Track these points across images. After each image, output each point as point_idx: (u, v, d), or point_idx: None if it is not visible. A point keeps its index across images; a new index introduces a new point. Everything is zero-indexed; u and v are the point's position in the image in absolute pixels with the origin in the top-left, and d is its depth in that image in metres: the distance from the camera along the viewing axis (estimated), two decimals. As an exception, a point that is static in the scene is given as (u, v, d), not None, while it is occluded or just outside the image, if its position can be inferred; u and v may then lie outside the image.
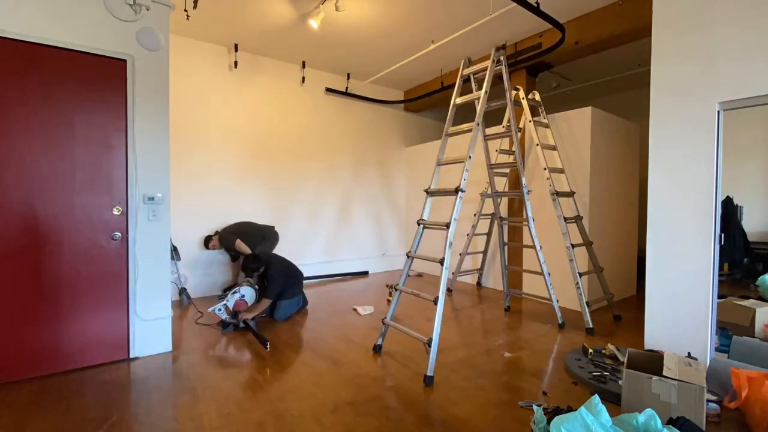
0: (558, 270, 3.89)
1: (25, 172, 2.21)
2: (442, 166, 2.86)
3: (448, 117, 2.92)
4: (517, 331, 3.20)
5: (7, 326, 2.18)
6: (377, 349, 2.74)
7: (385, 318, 2.74)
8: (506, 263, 3.91)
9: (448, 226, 2.46)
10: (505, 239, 3.88)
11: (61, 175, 2.30)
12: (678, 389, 1.69)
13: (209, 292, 4.38)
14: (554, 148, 3.80)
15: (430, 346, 2.33)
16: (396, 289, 2.75)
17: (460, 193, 2.52)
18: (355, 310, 3.79)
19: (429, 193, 2.77)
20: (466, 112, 7.19)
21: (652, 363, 1.96)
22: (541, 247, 3.42)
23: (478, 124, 2.70)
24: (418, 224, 2.75)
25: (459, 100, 2.96)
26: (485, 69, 2.99)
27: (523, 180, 3.38)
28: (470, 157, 2.59)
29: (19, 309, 2.21)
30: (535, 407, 1.74)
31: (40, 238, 2.25)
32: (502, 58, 3.19)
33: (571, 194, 3.53)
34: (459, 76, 3.12)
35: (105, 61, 2.43)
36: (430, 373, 2.26)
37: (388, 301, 3.99)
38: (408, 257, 2.74)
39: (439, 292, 2.40)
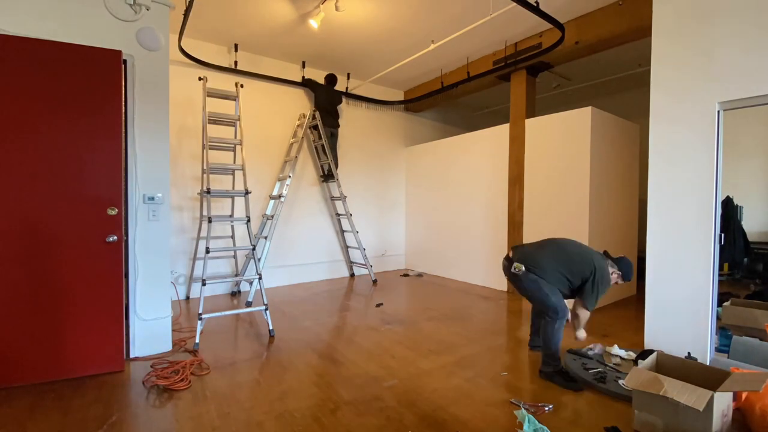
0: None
1: (25, 173, 2.19)
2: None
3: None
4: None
5: (4, 331, 2.16)
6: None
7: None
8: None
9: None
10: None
11: (60, 175, 2.28)
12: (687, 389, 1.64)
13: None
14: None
15: None
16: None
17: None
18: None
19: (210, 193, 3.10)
20: (464, 110, 7.18)
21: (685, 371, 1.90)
22: (241, 248, 3.53)
23: None
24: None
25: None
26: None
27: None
28: None
29: (15, 312, 2.19)
30: (522, 411, 1.73)
31: (38, 238, 2.23)
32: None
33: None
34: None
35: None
36: None
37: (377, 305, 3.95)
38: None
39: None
